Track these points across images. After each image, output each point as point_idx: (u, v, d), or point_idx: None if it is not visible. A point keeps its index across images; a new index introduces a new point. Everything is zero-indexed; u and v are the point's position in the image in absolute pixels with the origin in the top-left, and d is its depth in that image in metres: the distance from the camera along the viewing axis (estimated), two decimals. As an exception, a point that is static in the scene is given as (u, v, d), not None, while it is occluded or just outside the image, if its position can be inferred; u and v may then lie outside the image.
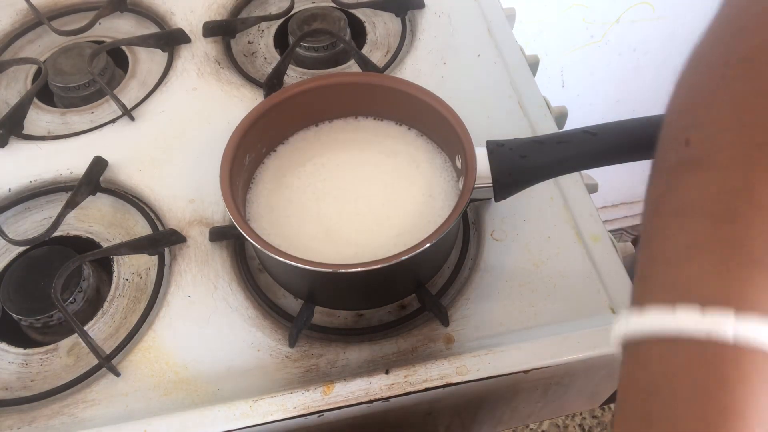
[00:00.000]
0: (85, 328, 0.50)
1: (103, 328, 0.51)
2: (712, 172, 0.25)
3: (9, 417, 0.47)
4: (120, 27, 0.73)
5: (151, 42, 0.68)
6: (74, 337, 0.50)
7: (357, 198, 0.52)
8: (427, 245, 0.43)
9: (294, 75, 0.66)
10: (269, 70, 0.66)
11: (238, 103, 0.64)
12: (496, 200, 0.49)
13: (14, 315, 0.50)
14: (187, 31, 0.69)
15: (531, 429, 0.42)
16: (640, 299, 0.26)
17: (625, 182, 1.51)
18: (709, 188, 0.25)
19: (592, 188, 0.58)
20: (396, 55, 0.68)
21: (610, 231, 0.55)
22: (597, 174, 0.56)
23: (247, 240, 0.45)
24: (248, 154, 0.52)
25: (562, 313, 0.50)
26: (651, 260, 0.26)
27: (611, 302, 0.50)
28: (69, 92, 0.65)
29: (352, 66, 0.67)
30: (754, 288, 0.23)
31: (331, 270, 0.43)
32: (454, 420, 0.54)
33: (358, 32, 0.71)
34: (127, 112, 0.62)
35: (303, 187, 0.53)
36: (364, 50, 0.69)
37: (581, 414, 0.43)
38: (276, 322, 0.50)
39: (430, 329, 0.49)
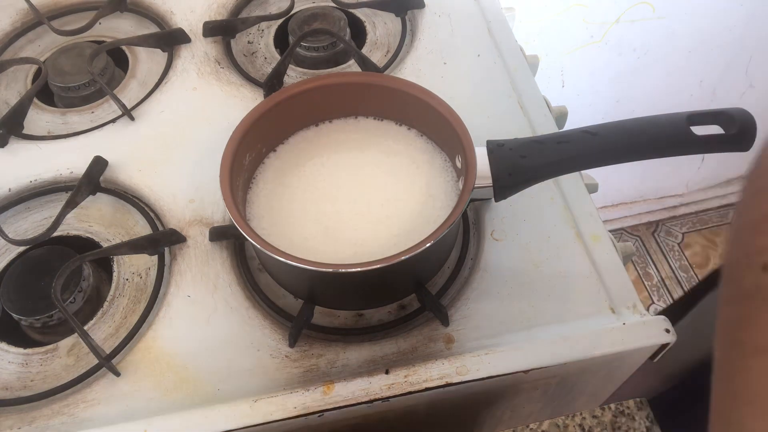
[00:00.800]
0: (85, 328, 0.50)
1: (103, 328, 0.51)
2: None
3: (9, 417, 0.47)
4: (120, 27, 0.73)
5: (151, 42, 0.68)
6: (74, 337, 0.50)
7: (357, 198, 0.52)
8: (427, 245, 0.43)
9: (294, 75, 0.66)
10: (269, 70, 0.66)
11: (238, 103, 0.64)
12: (496, 200, 0.49)
13: (14, 315, 0.50)
14: (187, 31, 0.69)
15: (531, 429, 0.42)
16: None
17: (625, 182, 1.51)
18: None
19: (592, 188, 0.58)
20: (396, 55, 0.68)
21: (610, 231, 0.55)
22: (597, 174, 0.56)
23: (247, 240, 0.45)
24: (248, 154, 0.52)
25: (562, 313, 0.50)
26: (733, 400, 0.24)
27: (611, 302, 0.50)
28: (69, 92, 0.65)
29: (352, 66, 0.67)
30: None
31: (331, 270, 0.43)
32: (454, 420, 0.54)
33: (358, 32, 0.71)
34: (127, 112, 0.62)
35: (303, 187, 0.53)
36: (364, 50, 0.69)
37: (581, 414, 0.43)
38: (276, 322, 0.50)
39: (430, 329, 0.49)
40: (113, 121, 0.63)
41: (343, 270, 0.43)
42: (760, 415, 0.22)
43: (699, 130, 0.45)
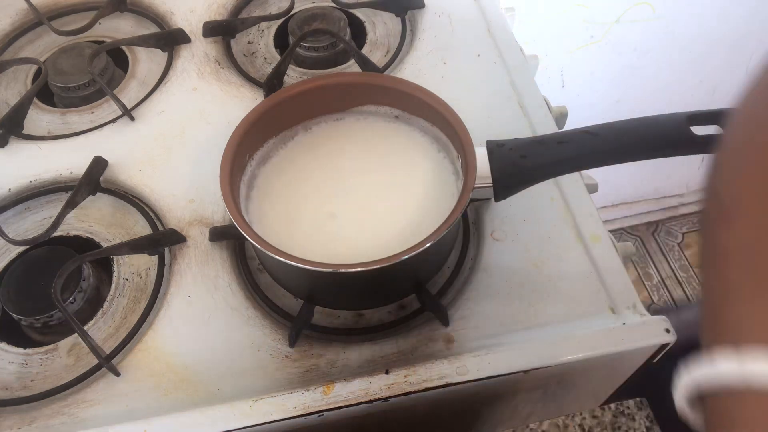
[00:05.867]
0: (85, 328, 0.50)
1: (103, 328, 0.51)
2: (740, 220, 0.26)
3: (9, 417, 0.47)
4: (120, 27, 0.73)
5: (151, 42, 0.68)
6: (74, 337, 0.50)
7: (357, 198, 0.52)
8: (427, 245, 0.43)
9: (294, 75, 0.66)
10: (269, 70, 0.66)
11: (238, 103, 0.64)
12: (496, 200, 0.49)
13: (14, 315, 0.50)
14: (187, 31, 0.69)
15: (531, 429, 0.42)
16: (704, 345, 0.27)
17: (625, 182, 1.51)
18: (740, 237, 0.26)
19: (592, 188, 0.58)
20: (396, 55, 0.68)
21: (610, 231, 0.55)
22: (597, 174, 0.56)
23: (247, 240, 0.45)
24: (248, 154, 0.52)
25: (562, 313, 0.50)
26: (704, 309, 0.28)
27: (611, 302, 0.50)
28: (69, 92, 0.65)
29: (352, 66, 0.67)
30: None
31: (331, 270, 0.43)
32: (454, 420, 0.54)
33: (358, 32, 0.71)
34: (127, 112, 0.62)
35: (303, 187, 0.53)
36: (364, 50, 0.69)
37: (581, 414, 0.43)
38: (276, 322, 0.50)
39: (430, 329, 0.49)
40: (113, 121, 0.63)
41: (343, 270, 0.43)
42: (715, 318, 0.26)
43: (699, 130, 0.44)
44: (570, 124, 0.57)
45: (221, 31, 0.69)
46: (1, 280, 0.52)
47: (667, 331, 0.47)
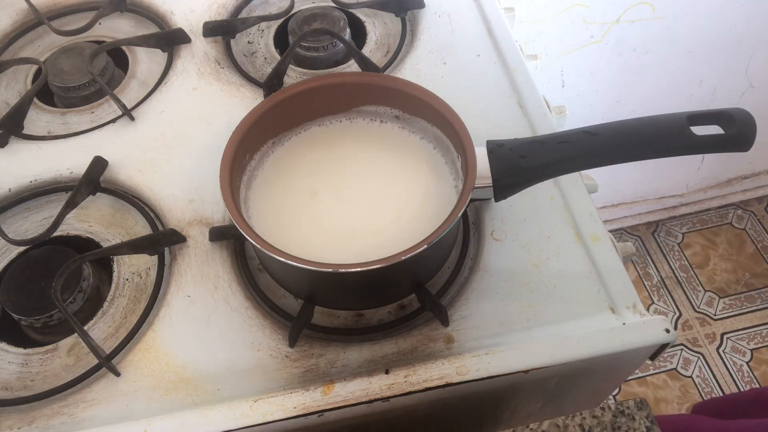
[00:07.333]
0: (85, 328, 0.50)
1: (103, 328, 0.51)
2: None
3: (9, 417, 0.47)
4: (120, 27, 0.73)
5: (151, 42, 0.68)
6: (74, 337, 0.50)
7: (357, 198, 0.52)
8: (427, 245, 0.43)
9: (294, 75, 0.66)
10: (269, 70, 0.66)
11: (238, 103, 0.64)
12: (496, 200, 0.49)
13: (14, 315, 0.50)
14: (187, 31, 0.69)
15: (531, 429, 0.42)
16: None
17: (625, 182, 1.51)
18: None
19: (592, 188, 0.58)
20: (396, 55, 0.68)
21: (610, 231, 0.55)
22: (597, 174, 0.56)
23: (247, 240, 0.45)
24: (248, 154, 0.52)
25: (562, 313, 0.50)
26: None
27: (611, 302, 0.50)
28: (69, 92, 0.65)
29: (352, 66, 0.67)
30: None
31: (331, 270, 0.43)
32: (454, 420, 0.54)
33: (358, 32, 0.71)
34: (127, 112, 0.62)
35: (303, 186, 0.53)
36: (364, 50, 0.69)
37: (581, 414, 0.43)
38: (276, 322, 0.50)
39: (430, 329, 0.49)
40: (113, 121, 0.63)
41: (343, 270, 0.43)
42: None
43: (699, 130, 0.45)
44: (570, 124, 0.57)
45: (221, 31, 0.69)
46: (1, 280, 0.52)
47: (667, 331, 0.47)
